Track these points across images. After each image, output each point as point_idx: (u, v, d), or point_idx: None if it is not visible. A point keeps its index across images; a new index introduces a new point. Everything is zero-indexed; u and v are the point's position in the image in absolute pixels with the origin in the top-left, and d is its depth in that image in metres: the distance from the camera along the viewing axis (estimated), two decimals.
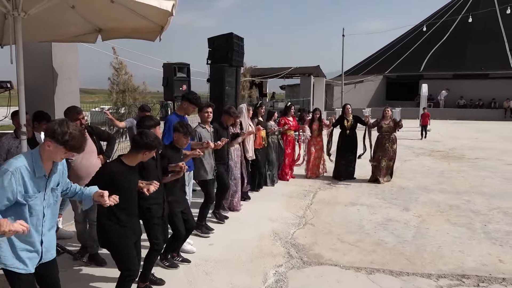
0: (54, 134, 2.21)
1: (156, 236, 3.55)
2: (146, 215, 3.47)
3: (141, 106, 6.25)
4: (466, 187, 7.87)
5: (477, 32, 31.14)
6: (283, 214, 6.08)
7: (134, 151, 2.98)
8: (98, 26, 4.64)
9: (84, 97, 59.88)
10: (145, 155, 2.98)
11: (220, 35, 7.84)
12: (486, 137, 16.55)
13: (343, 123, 8.40)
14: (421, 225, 5.58)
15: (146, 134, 2.97)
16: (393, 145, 8.15)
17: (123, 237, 2.98)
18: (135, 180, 3.07)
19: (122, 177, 2.92)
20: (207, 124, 5.04)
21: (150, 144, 2.94)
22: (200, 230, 5.06)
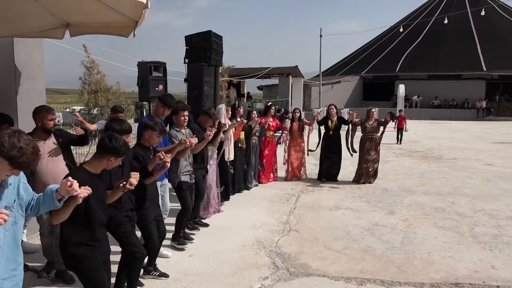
0: (0, 146, 1.81)
1: (134, 243, 3.23)
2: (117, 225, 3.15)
3: (114, 107, 5.86)
4: (448, 188, 7.81)
5: (450, 34, 31.77)
6: (265, 220, 5.82)
7: (99, 155, 2.62)
8: (65, 21, 4.25)
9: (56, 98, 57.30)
10: (111, 161, 2.62)
11: (198, 33, 7.50)
12: (462, 137, 16.78)
13: (327, 124, 8.21)
14: (408, 230, 5.42)
15: (115, 137, 2.63)
16: (377, 147, 8.04)
17: (90, 257, 2.61)
18: (101, 189, 2.69)
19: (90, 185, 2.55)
20: (182, 127, 4.70)
21: (118, 149, 2.59)
22: (177, 241, 4.72)
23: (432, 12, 35.66)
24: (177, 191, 4.70)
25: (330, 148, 8.20)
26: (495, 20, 32.15)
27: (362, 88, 31.89)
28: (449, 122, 24.37)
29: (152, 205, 3.73)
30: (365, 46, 38.61)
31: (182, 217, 4.71)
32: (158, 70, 6.63)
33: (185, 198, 4.69)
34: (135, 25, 3.76)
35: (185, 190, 4.67)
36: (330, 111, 8.26)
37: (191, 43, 7.43)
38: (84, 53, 9.06)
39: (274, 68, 20.34)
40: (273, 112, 8.27)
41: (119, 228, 3.19)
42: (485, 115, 26.75)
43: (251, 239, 5.04)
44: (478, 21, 32.16)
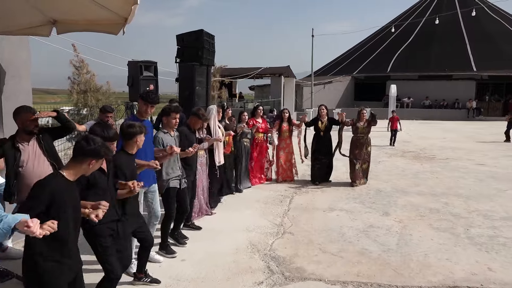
0: None
1: (110, 263, 2.94)
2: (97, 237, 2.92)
3: (103, 107, 5.71)
4: (441, 188, 7.77)
5: (440, 34, 31.96)
6: (259, 222, 5.71)
7: (78, 160, 2.38)
8: (52, 18, 4.10)
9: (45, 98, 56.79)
10: (91, 165, 2.41)
11: (190, 32, 7.39)
12: (453, 137, 16.84)
13: (317, 125, 8.02)
14: (403, 231, 5.36)
15: (92, 139, 2.40)
16: (367, 147, 7.95)
17: (57, 275, 2.32)
18: (76, 198, 2.44)
19: (62, 196, 2.30)
20: (171, 130, 4.46)
21: (98, 151, 2.38)
22: (165, 250, 4.49)
23: (422, 13, 35.86)
24: (163, 197, 4.47)
25: (320, 150, 8.00)
26: (484, 21, 32.41)
27: (354, 88, 31.93)
28: (440, 122, 24.48)
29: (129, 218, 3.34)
30: (356, 46, 38.72)
31: (167, 224, 4.51)
32: (149, 69, 6.49)
33: (170, 204, 4.47)
34: (124, 22, 3.63)
35: (172, 197, 4.46)
36: (320, 111, 8.07)
37: (183, 42, 7.32)
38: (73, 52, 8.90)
39: (266, 68, 20.27)
40: (262, 113, 8.03)
41: (98, 240, 2.92)
42: (475, 115, 26.94)
43: (244, 242, 4.93)
44: (468, 22, 32.40)
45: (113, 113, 5.72)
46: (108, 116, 5.69)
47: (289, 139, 8.19)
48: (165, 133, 4.37)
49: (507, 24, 33.16)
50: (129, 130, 3.38)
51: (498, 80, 27.94)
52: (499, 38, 31.00)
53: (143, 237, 3.59)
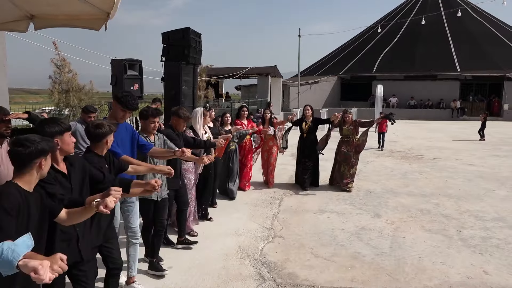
0: None
1: None
2: None
3: (85, 107, 5.46)
4: (431, 189, 7.72)
5: (425, 35, 32.27)
6: (248, 226, 5.54)
7: (27, 166, 2.03)
8: (29, 12, 3.86)
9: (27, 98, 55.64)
10: (42, 165, 2.06)
11: (176, 30, 7.16)
12: (439, 137, 16.95)
13: (301, 126, 7.64)
14: (396, 234, 5.25)
15: (27, 140, 2.03)
16: (353, 149, 7.50)
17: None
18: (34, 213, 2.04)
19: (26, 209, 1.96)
20: (151, 134, 4.01)
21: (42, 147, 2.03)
22: (154, 268, 4.04)
23: (407, 13, 36.17)
24: (140, 205, 3.97)
25: (303, 152, 7.65)
26: (468, 23, 32.83)
27: (340, 88, 32.00)
28: (426, 122, 24.69)
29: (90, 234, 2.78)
30: (342, 46, 38.83)
31: (147, 236, 4.10)
32: (133, 68, 6.27)
33: (146, 214, 4.07)
34: (106, 17, 3.42)
35: (147, 210, 4.04)
36: (305, 112, 7.67)
37: (168, 40, 7.09)
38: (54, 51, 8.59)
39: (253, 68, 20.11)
40: (247, 114, 7.57)
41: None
42: (459, 115, 27.25)
43: (234, 247, 4.76)
44: (451, 23, 32.77)
45: (96, 113, 5.47)
46: (91, 117, 5.44)
47: (271, 141, 7.81)
48: (144, 137, 3.93)
49: (489, 25, 33.68)
50: (97, 131, 2.95)
51: (481, 80, 28.34)
52: (481, 39, 31.45)
53: (108, 254, 3.07)
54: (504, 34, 32.93)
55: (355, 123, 7.62)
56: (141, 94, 6.48)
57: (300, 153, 7.74)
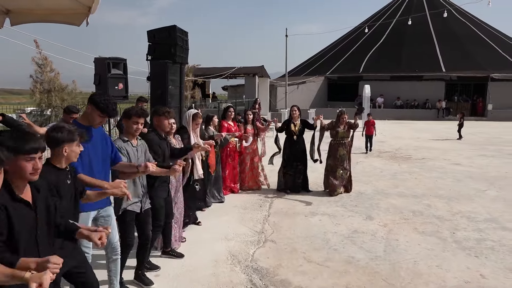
0: None
1: None
2: None
3: (67, 108, 5.23)
4: (421, 189, 7.66)
5: (410, 35, 32.54)
6: (238, 230, 5.37)
7: None
8: (4, 7, 3.63)
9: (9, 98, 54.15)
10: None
11: (162, 28, 6.94)
12: (426, 137, 17.03)
13: (290, 128, 7.30)
14: (389, 236, 5.14)
15: None
16: (348, 151, 7.35)
17: None
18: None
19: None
20: (133, 138, 3.57)
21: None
22: (139, 279, 3.79)
23: (393, 14, 36.44)
24: (118, 222, 3.54)
25: (295, 155, 7.29)
26: (452, 24, 33.22)
27: (327, 89, 32.03)
28: (412, 122, 24.86)
29: None
30: (329, 47, 38.92)
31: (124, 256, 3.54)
32: (117, 67, 6.03)
33: (127, 232, 3.58)
34: (88, 12, 3.23)
35: (129, 223, 3.59)
36: (292, 113, 7.35)
37: (154, 39, 6.86)
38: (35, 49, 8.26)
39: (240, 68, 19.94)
40: (233, 115, 7.22)
41: None
42: (445, 115, 27.51)
43: (224, 253, 4.58)
44: (436, 24, 33.12)
45: (79, 114, 5.23)
46: (73, 117, 5.21)
47: (254, 143, 7.50)
48: (125, 141, 3.50)
49: (473, 26, 34.14)
50: (53, 134, 2.48)
51: (465, 81, 28.66)
52: (466, 40, 31.86)
53: (82, 280, 2.62)
54: (488, 35, 33.43)
55: (349, 124, 7.37)
56: (126, 94, 6.24)
57: (291, 157, 7.33)
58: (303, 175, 7.44)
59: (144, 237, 3.76)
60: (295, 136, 7.29)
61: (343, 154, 7.27)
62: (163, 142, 4.11)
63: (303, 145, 7.39)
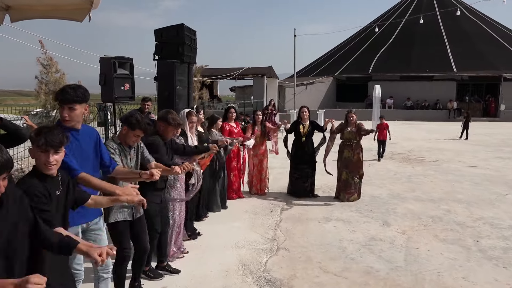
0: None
1: None
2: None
3: None
4: (439, 193, 7.36)
5: (420, 35, 32.08)
6: (249, 236, 5.12)
7: None
8: (4, 3, 3.43)
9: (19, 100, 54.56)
10: None
11: (169, 27, 6.73)
12: (438, 138, 16.67)
13: (299, 129, 7.02)
14: (409, 244, 4.86)
15: None
16: (356, 154, 6.81)
17: None
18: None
19: None
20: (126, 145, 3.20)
21: None
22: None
23: (402, 14, 36.00)
24: (111, 233, 3.24)
25: (302, 157, 6.98)
26: (463, 23, 32.72)
27: (336, 89, 31.70)
28: (422, 123, 24.42)
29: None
30: (337, 47, 38.57)
31: (121, 270, 3.27)
32: (123, 66, 5.82)
33: (122, 242, 3.20)
34: (90, 7, 3.02)
35: (123, 233, 3.23)
36: (301, 114, 7.07)
37: (161, 38, 6.66)
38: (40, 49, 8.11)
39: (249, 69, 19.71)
40: (235, 115, 6.88)
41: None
42: (456, 115, 27.02)
43: (235, 262, 4.34)
44: (447, 23, 32.68)
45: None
46: None
47: (261, 145, 7.19)
48: (118, 143, 3.18)
49: (484, 25, 33.59)
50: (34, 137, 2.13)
51: (477, 80, 28.14)
52: (477, 39, 31.34)
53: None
54: (500, 34, 32.88)
55: (358, 126, 6.92)
56: (132, 94, 6.03)
57: (299, 159, 7.03)
58: (311, 179, 7.10)
59: (142, 249, 3.40)
60: (303, 137, 6.99)
61: (348, 157, 6.83)
62: (163, 147, 3.83)
63: (311, 147, 7.09)
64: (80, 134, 2.71)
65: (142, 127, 3.09)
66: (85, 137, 2.76)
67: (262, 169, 7.26)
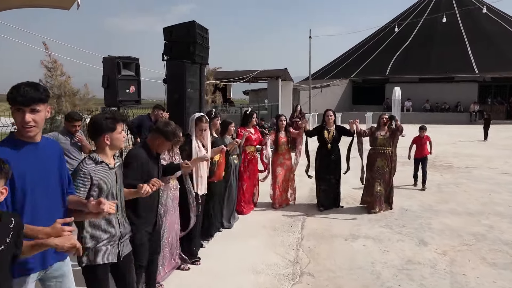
0: None
1: None
2: None
3: (68, 115, 4.52)
4: (476, 205, 6.66)
5: (439, 35, 31.12)
6: (268, 258, 4.51)
7: None
8: None
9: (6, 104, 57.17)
10: None
11: (180, 24, 6.22)
12: (463, 142, 15.84)
13: (323, 135, 6.40)
14: (453, 269, 4.20)
15: None
16: (390, 163, 6.23)
17: None
18: None
19: None
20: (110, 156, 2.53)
21: None
22: None
23: (420, 14, 35.06)
24: (87, 279, 2.51)
25: (328, 166, 6.35)
26: (483, 22, 31.68)
27: (352, 92, 30.94)
28: (443, 126, 23.47)
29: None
30: (353, 48, 37.76)
31: None
32: (128, 67, 5.32)
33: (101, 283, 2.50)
34: None
35: (102, 280, 2.50)
36: (326, 118, 6.41)
37: (171, 37, 6.14)
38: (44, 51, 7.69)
39: (263, 71, 19.15)
40: (256, 121, 6.42)
41: None
42: (478, 118, 25.99)
43: None
44: (466, 22, 31.67)
45: (83, 121, 4.52)
46: (75, 126, 4.51)
47: (288, 153, 6.63)
48: (99, 163, 2.44)
49: (506, 25, 32.43)
50: None
51: (500, 82, 27.06)
52: (499, 39, 30.22)
53: None
54: None
55: (391, 130, 6.24)
56: (138, 98, 5.52)
57: (324, 169, 6.40)
58: (336, 190, 6.50)
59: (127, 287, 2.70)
60: (329, 144, 6.32)
61: (382, 166, 6.24)
62: (151, 161, 3.11)
63: (338, 156, 6.40)
64: (39, 148, 2.05)
65: None
66: (47, 152, 2.11)
67: (286, 180, 6.58)
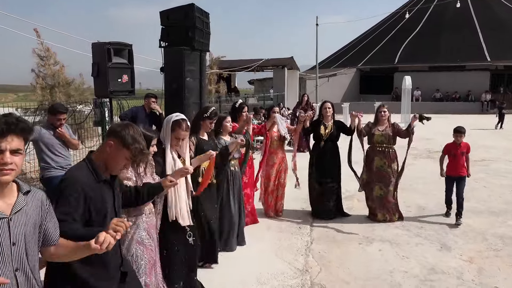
0: None
1: None
2: None
3: (52, 107, 4.07)
4: (499, 203, 6.18)
5: (449, 23, 30.24)
6: (275, 267, 4.06)
7: None
8: None
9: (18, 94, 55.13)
10: None
11: (177, 8, 5.74)
12: (477, 133, 15.22)
13: (319, 131, 5.46)
14: (483, 280, 3.73)
15: None
16: (391, 164, 5.33)
17: None
18: None
19: None
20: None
21: None
22: None
23: (429, 0, 34.09)
24: None
25: (323, 167, 5.42)
26: (496, 9, 30.73)
27: (360, 81, 30.25)
28: (454, 116, 22.75)
29: None
30: (361, 36, 36.88)
31: None
32: (120, 54, 4.84)
33: None
34: None
35: None
36: (324, 111, 5.51)
37: (168, 21, 5.65)
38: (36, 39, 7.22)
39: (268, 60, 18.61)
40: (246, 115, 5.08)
41: None
42: (490, 108, 25.25)
43: None
44: (478, 9, 30.72)
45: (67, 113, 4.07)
46: (60, 119, 4.06)
47: (281, 151, 5.58)
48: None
49: None
50: None
51: None
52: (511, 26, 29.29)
53: None
54: None
55: (393, 127, 5.39)
56: (132, 88, 5.05)
57: (318, 171, 5.47)
58: (336, 196, 5.55)
59: None
60: (323, 142, 5.44)
61: (381, 167, 5.30)
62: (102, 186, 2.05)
63: (335, 155, 5.48)
64: None
65: None
66: None
67: (280, 183, 5.56)
